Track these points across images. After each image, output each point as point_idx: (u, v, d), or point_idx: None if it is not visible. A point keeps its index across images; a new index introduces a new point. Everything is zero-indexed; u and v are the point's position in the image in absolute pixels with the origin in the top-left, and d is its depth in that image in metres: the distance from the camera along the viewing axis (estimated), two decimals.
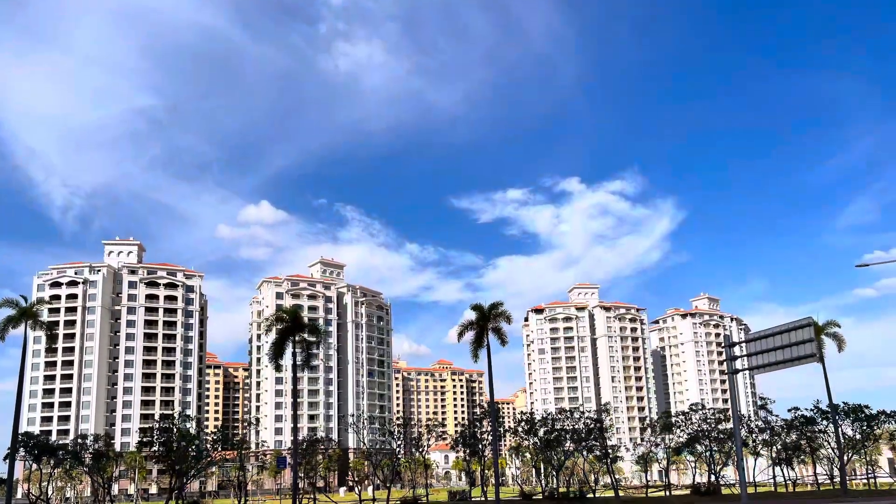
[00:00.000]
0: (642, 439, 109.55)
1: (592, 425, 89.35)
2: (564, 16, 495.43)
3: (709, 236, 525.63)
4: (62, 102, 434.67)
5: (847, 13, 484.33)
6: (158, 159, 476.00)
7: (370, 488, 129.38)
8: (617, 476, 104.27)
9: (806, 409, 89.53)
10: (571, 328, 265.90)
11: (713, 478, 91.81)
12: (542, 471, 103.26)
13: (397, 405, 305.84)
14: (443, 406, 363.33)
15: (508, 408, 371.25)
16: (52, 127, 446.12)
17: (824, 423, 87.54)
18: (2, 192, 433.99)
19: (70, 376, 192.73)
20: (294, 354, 69.99)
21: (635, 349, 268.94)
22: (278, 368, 68.45)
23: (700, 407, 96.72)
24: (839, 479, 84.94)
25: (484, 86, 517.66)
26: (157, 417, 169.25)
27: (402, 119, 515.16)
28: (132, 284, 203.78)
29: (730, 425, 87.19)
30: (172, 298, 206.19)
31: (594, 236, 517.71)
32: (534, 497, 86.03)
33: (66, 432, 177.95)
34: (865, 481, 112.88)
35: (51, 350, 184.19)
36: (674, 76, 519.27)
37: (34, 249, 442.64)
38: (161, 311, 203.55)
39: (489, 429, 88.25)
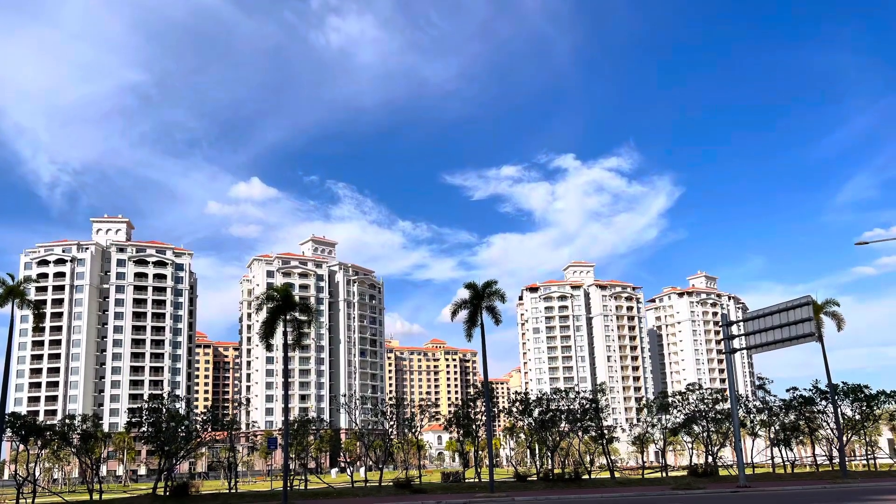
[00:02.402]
0: (638, 420, 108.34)
1: (588, 405, 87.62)
2: None
3: (706, 214, 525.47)
4: (50, 78, 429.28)
5: None
6: (147, 135, 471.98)
7: (362, 469, 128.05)
8: (613, 457, 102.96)
9: (805, 389, 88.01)
10: (567, 307, 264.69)
11: (710, 459, 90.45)
12: (537, 452, 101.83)
13: (390, 385, 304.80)
14: (436, 386, 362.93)
15: (503, 388, 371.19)
16: (39, 103, 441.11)
17: (823, 403, 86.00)
18: None
19: (58, 356, 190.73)
20: (285, 334, 67.87)
21: (631, 328, 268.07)
22: (269, 348, 66.13)
23: (697, 387, 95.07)
24: (838, 460, 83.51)
25: (478, 61, 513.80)
26: (145, 397, 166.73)
27: (395, 95, 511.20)
28: (121, 262, 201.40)
29: (727, 405, 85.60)
30: (161, 277, 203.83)
31: (589, 214, 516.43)
32: (528, 478, 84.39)
33: (54, 412, 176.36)
34: (865, 462, 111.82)
35: (38, 329, 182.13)
36: (670, 51, 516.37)
37: (21, 227, 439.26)
38: (150, 290, 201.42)
39: (483, 409, 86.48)
